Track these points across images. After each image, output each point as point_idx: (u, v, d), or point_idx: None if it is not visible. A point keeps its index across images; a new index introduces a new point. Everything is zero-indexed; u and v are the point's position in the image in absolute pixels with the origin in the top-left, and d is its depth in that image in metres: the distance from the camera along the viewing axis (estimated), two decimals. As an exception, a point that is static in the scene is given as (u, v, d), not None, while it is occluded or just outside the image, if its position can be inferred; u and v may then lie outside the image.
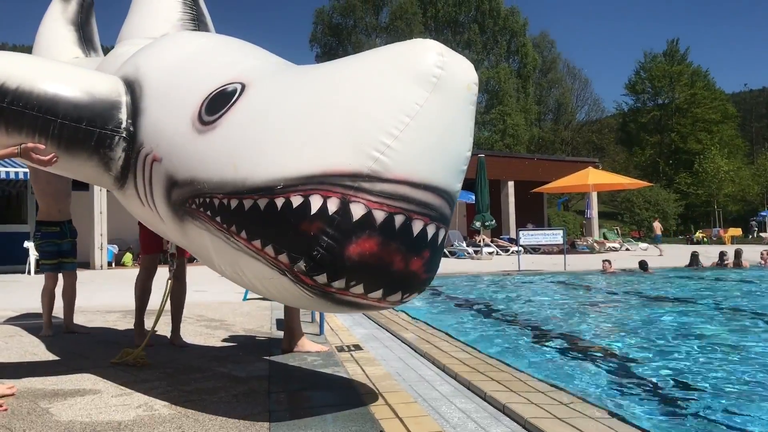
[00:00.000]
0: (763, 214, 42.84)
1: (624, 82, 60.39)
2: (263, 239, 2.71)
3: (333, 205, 2.54)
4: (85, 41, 5.63)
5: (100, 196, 17.20)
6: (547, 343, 5.60)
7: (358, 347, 4.86)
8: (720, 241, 30.61)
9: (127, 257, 18.75)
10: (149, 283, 5.00)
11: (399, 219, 2.58)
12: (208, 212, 2.91)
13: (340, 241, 2.55)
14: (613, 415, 3.07)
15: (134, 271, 5.36)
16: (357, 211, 2.54)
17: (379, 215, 2.55)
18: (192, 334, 5.50)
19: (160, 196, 3.25)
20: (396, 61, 2.69)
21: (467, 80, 2.74)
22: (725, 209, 46.30)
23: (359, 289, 2.67)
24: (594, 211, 27.19)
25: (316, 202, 2.56)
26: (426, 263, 2.76)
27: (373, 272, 2.64)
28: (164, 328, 5.01)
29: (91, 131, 3.44)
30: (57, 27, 5.58)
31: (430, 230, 2.68)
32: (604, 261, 14.02)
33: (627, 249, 25.08)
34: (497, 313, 7.76)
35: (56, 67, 3.87)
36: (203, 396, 3.41)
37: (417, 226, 2.63)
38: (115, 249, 18.43)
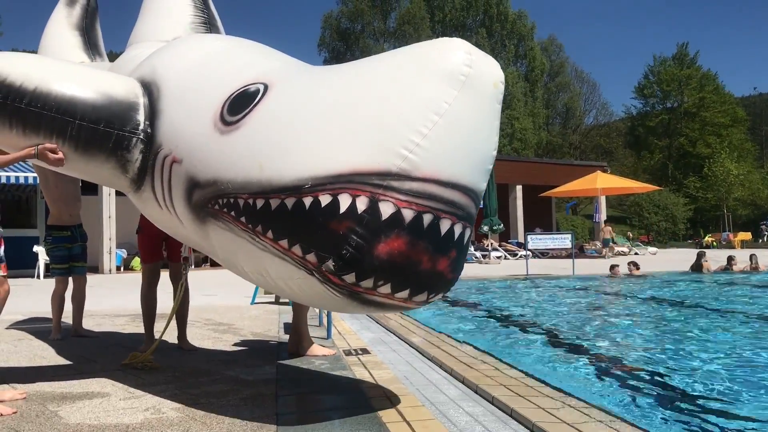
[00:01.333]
0: (773, 218, 42.59)
1: (633, 86, 60.08)
2: (290, 239, 2.69)
3: (362, 204, 2.53)
4: (91, 46, 5.66)
5: (108, 201, 17.28)
6: (555, 348, 5.57)
7: (365, 351, 4.86)
8: (729, 245, 30.42)
9: (136, 261, 18.78)
10: (153, 291, 4.96)
11: (427, 218, 2.57)
12: (232, 213, 2.89)
13: (369, 240, 2.54)
14: (621, 419, 3.05)
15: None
16: (386, 209, 2.53)
17: (408, 214, 2.54)
18: (200, 337, 5.52)
19: (180, 198, 3.24)
20: (424, 59, 2.68)
21: (494, 78, 2.74)
22: (735, 213, 45.97)
23: (386, 288, 2.66)
24: (602, 216, 27.10)
25: (345, 201, 2.55)
26: (452, 263, 2.75)
27: (401, 272, 2.63)
28: (172, 333, 5.02)
29: (109, 132, 3.45)
30: (62, 31, 5.60)
31: (457, 229, 2.68)
32: (612, 266, 13.97)
33: (636, 253, 24.96)
34: (505, 318, 7.73)
35: (73, 69, 3.90)
36: (211, 399, 3.41)
37: (444, 225, 2.62)
38: (123, 253, 18.49)
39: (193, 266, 5.25)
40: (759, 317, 7.41)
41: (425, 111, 2.57)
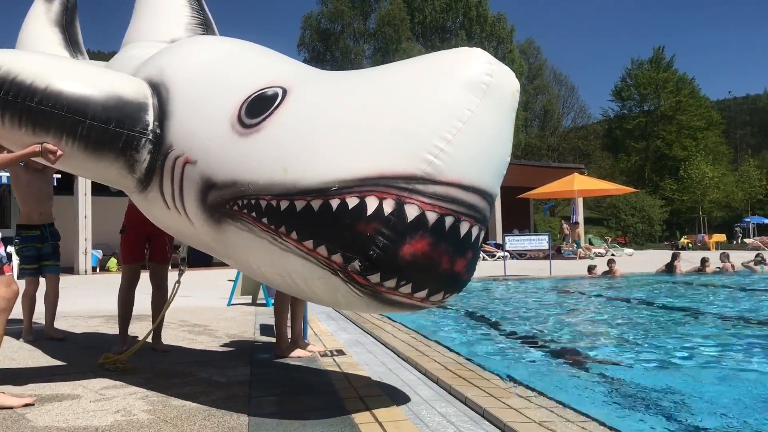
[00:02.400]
0: (747, 220, 43.20)
1: (610, 89, 60.72)
2: (316, 240, 2.75)
3: (388, 207, 2.62)
4: (72, 43, 5.57)
5: (84, 201, 17.12)
6: (530, 349, 5.61)
7: (341, 352, 4.86)
8: (704, 247, 30.80)
9: (112, 262, 18.65)
10: (132, 293, 4.92)
11: (449, 220, 2.68)
12: (253, 214, 2.93)
13: (395, 241, 2.64)
14: (592, 419, 3.07)
15: (118, 276, 5.33)
16: (411, 212, 2.63)
17: (432, 216, 2.64)
18: (174, 339, 5.47)
19: (193, 199, 3.25)
20: (447, 68, 2.79)
21: (512, 87, 2.89)
22: (710, 215, 46.59)
23: (407, 288, 2.76)
24: (580, 217, 27.31)
25: (372, 203, 2.63)
26: (468, 264, 2.88)
27: (423, 272, 2.74)
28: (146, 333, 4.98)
29: (120, 133, 3.44)
30: (41, 28, 5.51)
31: (474, 231, 2.80)
32: (590, 267, 14.10)
33: (612, 254, 25.18)
34: (481, 318, 7.77)
35: (84, 68, 3.90)
36: (183, 401, 3.39)
37: (464, 228, 2.74)
38: (99, 254, 18.33)
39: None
40: (724, 317, 7.53)
41: (449, 117, 2.68)
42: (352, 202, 2.65)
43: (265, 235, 2.92)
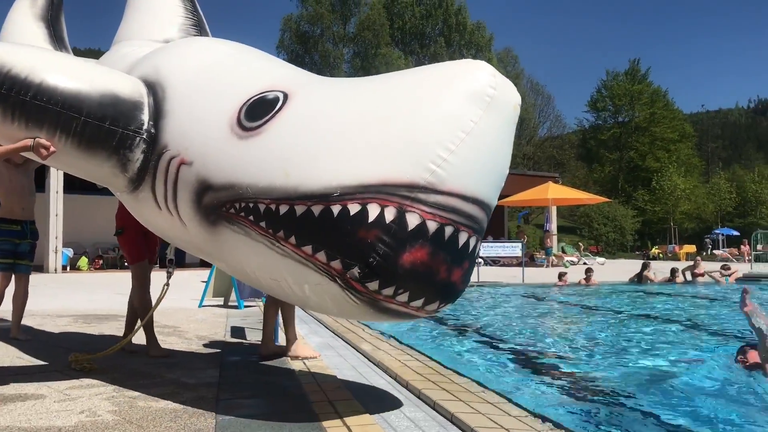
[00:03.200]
0: (717, 231, 43.87)
1: (586, 100, 61.33)
2: (315, 245, 2.73)
3: (390, 214, 2.62)
4: (57, 39, 5.50)
5: (56, 198, 16.89)
6: (500, 354, 5.64)
7: (311, 356, 4.83)
8: (675, 258, 31.23)
9: (83, 261, 18.40)
10: (147, 293, 4.79)
11: (449, 230, 2.69)
12: (251, 217, 2.90)
13: (396, 250, 2.63)
14: (559, 426, 3.10)
15: (89, 276, 5.30)
16: (412, 220, 2.63)
17: (432, 225, 2.65)
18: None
19: (188, 200, 3.22)
20: (451, 79, 2.81)
21: (514, 101, 2.92)
22: (681, 226, 47.26)
23: (404, 297, 2.76)
24: (553, 225, 27.54)
25: (373, 211, 2.62)
26: (464, 274, 2.89)
27: (421, 281, 2.73)
28: (117, 333, 4.92)
29: (114, 131, 3.41)
30: (26, 23, 5.43)
31: (472, 242, 2.80)
32: (560, 274, 14.24)
33: (584, 263, 25.43)
34: (453, 324, 7.79)
35: (80, 64, 3.85)
36: (150, 402, 3.36)
37: (463, 238, 2.74)
38: (70, 252, 18.08)
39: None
40: (692, 326, 7.64)
41: (453, 128, 2.69)
42: (353, 208, 2.64)
43: (262, 239, 2.90)
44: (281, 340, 5.07)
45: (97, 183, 3.92)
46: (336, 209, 2.67)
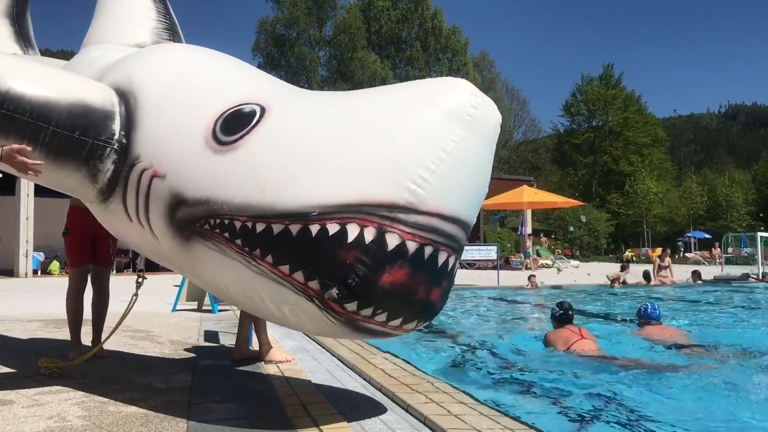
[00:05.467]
0: (689, 234, 44.55)
1: (560, 104, 61.93)
2: (293, 265, 2.66)
3: (369, 235, 2.56)
4: (22, 36, 5.37)
5: (27, 202, 16.64)
6: (475, 357, 5.67)
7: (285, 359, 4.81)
8: (648, 261, 31.62)
9: (54, 265, 18.12)
10: (81, 297, 4.75)
11: (428, 250, 2.64)
12: (226, 234, 2.83)
13: (375, 270, 2.57)
14: (532, 427, 3.12)
15: (60, 280, 5.20)
16: (392, 241, 2.57)
17: (412, 246, 2.60)
18: (114, 344, 5.33)
19: (160, 214, 3.13)
20: (433, 98, 2.76)
21: (495, 120, 2.87)
22: (654, 229, 47.94)
23: (383, 317, 2.71)
24: (528, 229, 27.73)
25: (353, 231, 2.56)
26: (443, 293, 2.85)
27: (400, 301, 2.69)
28: (85, 338, 4.86)
29: (84, 141, 3.30)
30: None
31: (451, 261, 2.76)
32: (530, 276, 14.40)
33: (546, 266, 25.64)
34: (428, 326, 7.80)
35: (49, 71, 3.72)
36: (120, 407, 3.31)
37: (442, 258, 2.70)
38: (41, 256, 17.79)
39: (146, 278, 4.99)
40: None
41: (433, 147, 2.64)
42: (332, 228, 2.58)
43: (238, 257, 2.82)
44: (255, 344, 5.05)
45: (65, 193, 3.83)
46: (314, 229, 2.60)
